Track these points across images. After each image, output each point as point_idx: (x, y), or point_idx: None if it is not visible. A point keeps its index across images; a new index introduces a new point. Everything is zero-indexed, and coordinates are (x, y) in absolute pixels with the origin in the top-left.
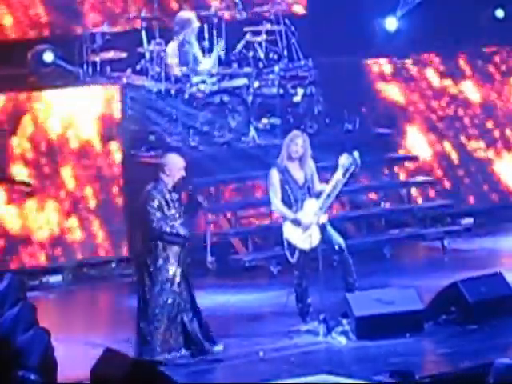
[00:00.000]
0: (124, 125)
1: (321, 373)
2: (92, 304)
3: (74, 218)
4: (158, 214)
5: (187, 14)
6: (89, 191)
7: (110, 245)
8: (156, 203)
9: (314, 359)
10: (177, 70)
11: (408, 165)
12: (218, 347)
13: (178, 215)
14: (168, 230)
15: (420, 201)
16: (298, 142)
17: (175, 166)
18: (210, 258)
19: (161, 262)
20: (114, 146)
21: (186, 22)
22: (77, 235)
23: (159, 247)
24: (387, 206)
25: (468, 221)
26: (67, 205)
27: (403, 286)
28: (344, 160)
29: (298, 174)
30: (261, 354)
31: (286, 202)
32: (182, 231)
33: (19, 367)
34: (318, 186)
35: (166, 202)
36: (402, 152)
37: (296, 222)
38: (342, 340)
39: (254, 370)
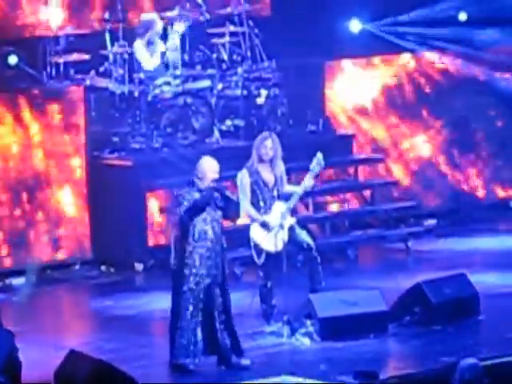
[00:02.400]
0: (87, 126)
1: (284, 374)
2: (55, 306)
3: (37, 218)
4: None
5: (150, 15)
6: (53, 193)
7: (74, 246)
8: (186, 200)
9: (278, 361)
10: (151, 65)
11: (371, 166)
12: (246, 361)
13: (209, 218)
14: (196, 233)
15: (383, 202)
16: (268, 144)
17: (208, 168)
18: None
19: (191, 265)
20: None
21: (150, 23)
22: (40, 237)
23: (189, 250)
24: (350, 207)
25: (431, 222)
26: (29, 206)
27: (367, 287)
28: (314, 164)
29: (269, 176)
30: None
31: (255, 203)
32: (210, 235)
33: None
34: (286, 187)
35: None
36: (365, 153)
37: (264, 225)
38: (306, 341)
39: (217, 371)
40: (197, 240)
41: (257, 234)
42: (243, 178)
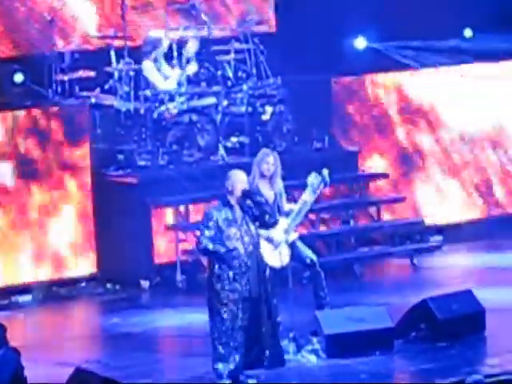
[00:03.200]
0: (93, 144)
1: None
2: (62, 323)
3: (46, 237)
4: (208, 233)
5: (158, 33)
6: (59, 211)
7: (80, 264)
8: (212, 223)
9: (285, 377)
10: (165, 86)
11: (378, 183)
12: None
13: (239, 234)
14: (212, 247)
15: (389, 219)
16: (269, 161)
17: (238, 180)
18: (179, 277)
19: (220, 282)
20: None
21: (157, 41)
22: (48, 254)
23: (217, 267)
24: (357, 224)
25: (437, 238)
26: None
27: (373, 303)
28: (312, 179)
29: (268, 193)
30: None
31: None
32: (241, 250)
33: None
34: (286, 204)
35: (226, 220)
36: (371, 170)
37: (269, 240)
38: (312, 358)
39: None
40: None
41: (262, 250)
42: None
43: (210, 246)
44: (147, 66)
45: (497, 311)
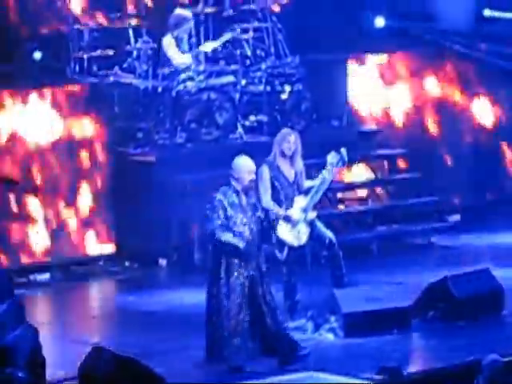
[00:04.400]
0: (111, 122)
1: (309, 370)
2: (80, 302)
3: (63, 215)
4: (218, 222)
5: (185, 12)
6: (76, 190)
7: (98, 242)
8: (220, 210)
9: (302, 356)
10: (182, 59)
11: (396, 162)
12: None
13: (245, 219)
14: (223, 237)
15: (407, 198)
16: (291, 140)
17: (243, 168)
18: (197, 255)
19: (224, 270)
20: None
21: (183, 19)
22: (65, 233)
23: (224, 255)
24: (375, 202)
25: (455, 217)
26: (56, 202)
27: (391, 282)
28: (332, 158)
29: (289, 172)
30: None
31: (276, 199)
32: (241, 243)
33: (7, 365)
34: (306, 182)
35: (232, 204)
36: (389, 149)
37: (287, 219)
38: (330, 337)
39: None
40: None
41: (280, 229)
42: (263, 172)
43: (223, 237)
44: (166, 42)
45: None
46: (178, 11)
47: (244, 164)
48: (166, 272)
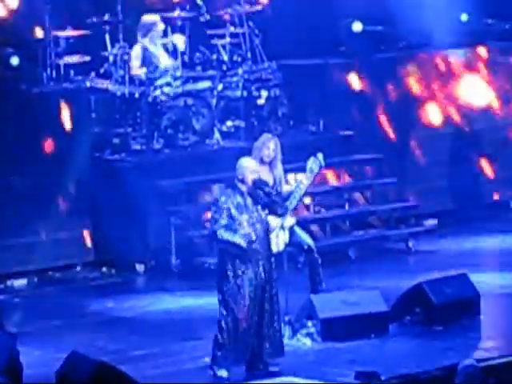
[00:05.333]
0: (88, 127)
1: (286, 375)
2: (57, 307)
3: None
4: (223, 222)
5: (152, 17)
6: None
7: (75, 248)
8: (224, 211)
9: (280, 361)
10: (139, 72)
11: (372, 166)
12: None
13: (252, 220)
14: (227, 237)
15: (383, 202)
16: (270, 146)
17: (247, 169)
18: (174, 261)
19: (230, 272)
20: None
21: (152, 24)
22: (42, 239)
23: (226, 260)
24: (351, 207)
25: (432, 222)
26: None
27: (368, 287)
28: (310, 163)
29: (268, 177)
30: (206, 359)
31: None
32: (243, 242)
33: None
34: (285, 187)
35: (237, 206)
36: (365, 154)
37: None
38: (308, 342)
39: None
40: None
41: None
42: None
43: (227, 236)
44: (133, 53)
45: (491, 295)
46: (145, 17)
47: (248, 165)
48: (143, 278)
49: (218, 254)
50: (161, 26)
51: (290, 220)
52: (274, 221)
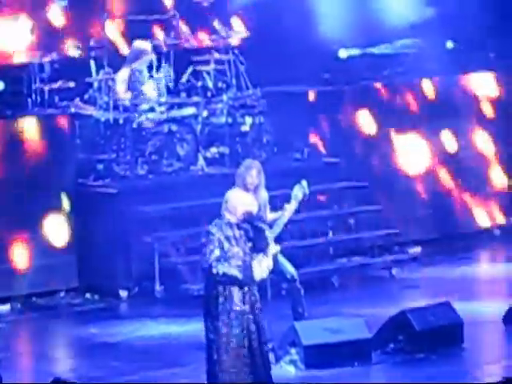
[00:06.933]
0: (72, 153)
1: None
2: (40, 333)
3: (24, 248)
4: (216, 253)
5: (144, 44)
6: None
7: (60, 275)
8: (216, 242)
9: None
10: (124, 96)
11: (357, 194)
12: None
13: (242, 253)
14: (222, 270)
15: (367, 230)
16: (253, 174)
17: (239, 201)
18: (158, 287)
19: (221, 303)
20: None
21: (142, 52)
22: (26, 265)
23: (218, 288)
24: (335, 235)
25: (415, 250)
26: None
27: (351, 314)
28: (296, 191)
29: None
30: None
31: None
32: (239, 274)
33: None
34: (270, 215)
35: (227, 238)
36: (350, 181)
37: None
38: (291, 369)
39: None
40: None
41: None
42: None
43: (223, 269)
44: (118, 77)
45: (474, 323)
46: (137, 44)
47: (239, 196)
48: (126, 304)
49: (208, 285)
50: (151, 55)
51: (273, 247)
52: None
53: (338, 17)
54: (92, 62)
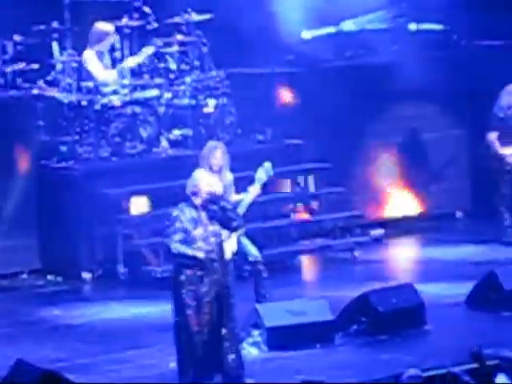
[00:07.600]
0: (34, 135)
1: None
2: (3, 314)
3: None
4: (177, 237)
5: (107, 26)
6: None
7: (23, 256)
8: (178, 225)
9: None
10: (103, 74)
11: (319, 175)
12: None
13: (205, 234)
14: (188, 251)
15: (330, 212)
16: (217, 155)
17: (202, 181)
18: (121, 269)
19: (184, 286)
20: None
21: (105, 34)
22: None
23: (182, 270)
24: (297, 217)
25: (378, 231)
26: None
27: (314, 296)
28: (259, 173)
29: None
30: (171, 365)
31: None
32: (201, 254)
33: None
34: (234, 197)
35: (191, 220)
36: (313, 163)
37: None
38: (254, 351)
39: (165, 380)
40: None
41: None
42: None
43: (183, 250)
44: (87, 56)
45: (437, 305)
46: (99, 25)
47: (203, 177)
48: (90, 286)
49: (174, 268)
50: (113, 38)
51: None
52: (223, 230)
53: None
54: (54, 44)
